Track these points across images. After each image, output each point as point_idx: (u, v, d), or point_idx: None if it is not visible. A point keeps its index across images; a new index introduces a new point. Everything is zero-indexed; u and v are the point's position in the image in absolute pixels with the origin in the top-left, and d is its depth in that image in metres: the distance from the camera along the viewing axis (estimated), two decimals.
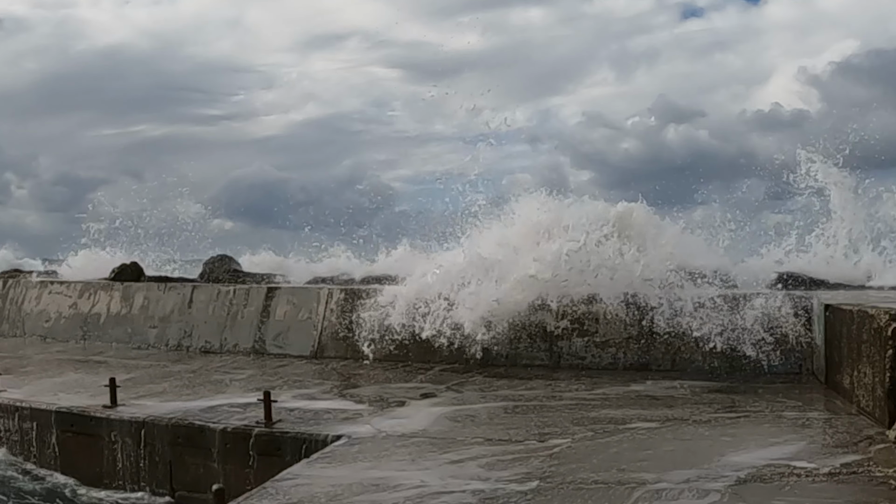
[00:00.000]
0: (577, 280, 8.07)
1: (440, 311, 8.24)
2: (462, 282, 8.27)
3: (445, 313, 8.20)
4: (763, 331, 7.32)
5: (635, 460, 4.76)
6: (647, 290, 7.88)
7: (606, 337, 7.98)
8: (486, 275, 8.24)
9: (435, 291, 8.36)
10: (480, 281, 8.18)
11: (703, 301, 7.56)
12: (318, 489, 4.46)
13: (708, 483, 4.24)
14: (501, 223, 9.41)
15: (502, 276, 8.20)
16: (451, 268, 8.50)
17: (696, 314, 7.51)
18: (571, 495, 4.18)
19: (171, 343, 10.29)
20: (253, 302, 9.91)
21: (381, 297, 8.77)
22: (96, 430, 6.77)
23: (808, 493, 4.05)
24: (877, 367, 5.24)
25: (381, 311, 8.65)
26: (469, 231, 9.51)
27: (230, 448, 6.09)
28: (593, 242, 8.22)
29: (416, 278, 8.72)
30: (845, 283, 9.09)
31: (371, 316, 8.67)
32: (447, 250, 9.37)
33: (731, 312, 7.44)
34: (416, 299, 8.46)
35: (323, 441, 5.62)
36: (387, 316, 8.58)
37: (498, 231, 9.22)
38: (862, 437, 5.03)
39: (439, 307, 8.26)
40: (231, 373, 8.53)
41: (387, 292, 8.80)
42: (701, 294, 7.61)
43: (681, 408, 6.18)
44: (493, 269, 8.29)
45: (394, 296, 8.68)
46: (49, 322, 11.72)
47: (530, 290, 8.09)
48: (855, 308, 5.87)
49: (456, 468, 4.75)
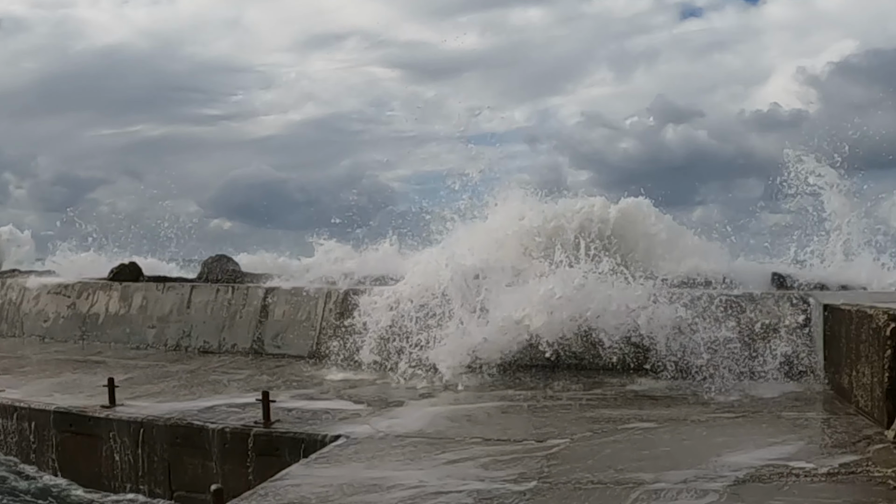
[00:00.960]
0: (573, 325, 7.46)
1: (414, 352, 7.72)
2: (441, 312, 7.74)
3: (420, 353, 7.68)
4: (761, 330, 7.31)
5: (633, 460, 4.76)
6: (655, 332, 7.22)
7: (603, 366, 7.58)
8: (468, 298, 7.64)
9: (410, 324, 7.88)
10: (462, 322, 7.59)
11: (716, 341, 7.07)
12: (317, 489, 4.45)
13: (706, 483, 4.24)
14: (485, 226, 9.21)
15: (487, 299, 7.60)
16: (431, 285, 7.92)
17: (709, 354, 7.05)
18: (569, 495, 4.18)
19: (170, 343, 10.29)
20: (251, 302, 9.90)
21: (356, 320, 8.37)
22: (95, 431, 6.77)
23: (807, 494, 4.05)
24: (875, 366, 5.24)
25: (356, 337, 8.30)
26: (452, 231, 9.26)
27: (228, 448, 6.08)
28: (593, 278, 7.51)
29: (387, 305, 8.21)
30: (843, 285, 9.07)
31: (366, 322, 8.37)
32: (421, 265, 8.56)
33: (737, 325, 7.27)
34: (391, 331, 8.03)
35: (321, 441, 5.62)
36: (359, 348, 8.24)
37: (483, 237, 8.95)
38: (860, 437, 5.03)
39: (414, 344, 7.77)
40: (229, 373, 8.52)
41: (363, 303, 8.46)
42: (715, 336, 7.07)
43: (678, 408, 6.19)
44: (479, 291, 7.69)
45: (364, 323, 8.27)
46: (47, 322, 11.71)
47: (519, 332, 7.51)
48: (854, 308, 5.87)
49: (454, 468, 4.74)
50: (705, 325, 7.19)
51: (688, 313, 7.23)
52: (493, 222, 9.69)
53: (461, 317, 7.71)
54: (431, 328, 7.82)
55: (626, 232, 10.16)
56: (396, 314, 8.18)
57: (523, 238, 9.43)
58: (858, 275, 9.37)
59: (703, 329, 7.17)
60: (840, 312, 6.26)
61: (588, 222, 9.79)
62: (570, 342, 7.60)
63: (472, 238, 9.32)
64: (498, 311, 7.60)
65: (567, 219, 9.60)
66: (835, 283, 9.11)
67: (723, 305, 7.42)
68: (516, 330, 7.50)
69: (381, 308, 8.38)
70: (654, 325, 7.20)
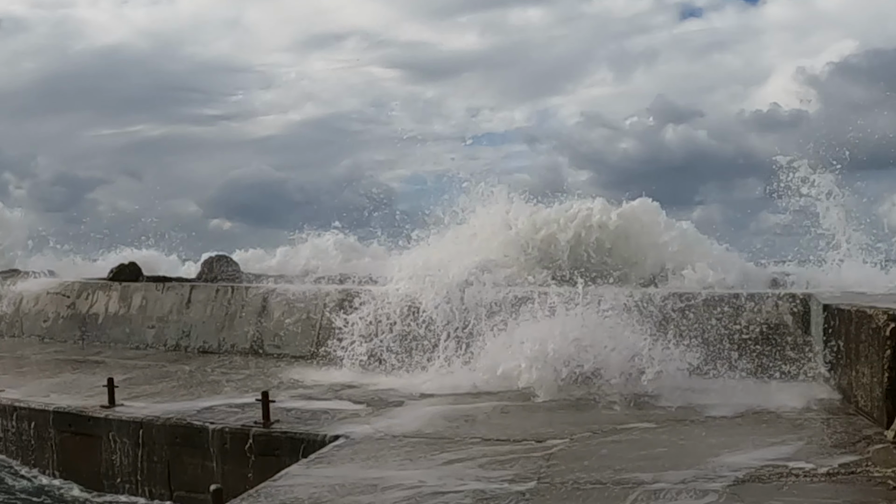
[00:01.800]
0: (570, 376, 6.77)
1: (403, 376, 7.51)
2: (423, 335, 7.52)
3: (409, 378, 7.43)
4: (761, 330, 7.31)
5: (633, 460, 4.76)
6: (660, 385, 6.59)
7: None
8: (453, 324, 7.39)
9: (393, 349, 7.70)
10: (448, 363, 7.35)
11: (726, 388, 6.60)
12: (316, 489, 4.45)
13: (706, 483, 4.24)
14: (467, 234, 8.64)
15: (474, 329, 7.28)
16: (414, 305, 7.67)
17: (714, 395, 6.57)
18: (568, 496, 4.18)
19: (170, 343, 10.28)
20: (251, 302, 9.90)
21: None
22: (94, 431, 6.77)
23: (806, 494, 4.05)
24: (875, 366, 5.24)
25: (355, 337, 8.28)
26: (438, 237, 8.80)
27: (228, 448, 6.09)
28: (593, 321, 6.85)
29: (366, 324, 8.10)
30: (842, 287, 9.05)
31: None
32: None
33: (734, 317, 7.23)
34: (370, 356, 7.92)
35: (321, 441, 5.62)
36: (358, 348, 8.17)
37: (465, 247, 8.43)
38: (860, 437, 5.02)
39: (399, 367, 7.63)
40: (229, 373, 8.52)
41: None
42: (726, 388, 6.60)
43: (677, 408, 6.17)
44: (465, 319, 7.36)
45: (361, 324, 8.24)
46: (47, 322, 11.71)
47: (509, 384, 7.00)
48: (853, 308, 5.87)
49: (453, 468, 4.74)
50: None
51: (696, 357, 6.70)
52: (479, 230, 8.96)
53: (446, 355, 7.52)
54: (413, 353, 7.77)
55: (630, 240, 9.18)
56: (376, 339, 8.10)
57: (509, 249, 8.72)
58: (858, 275, 9.35)
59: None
60: (840, 313, 6.26)
61: (585, 230, 8.94)
62: (568, 388, 6.81)
63: (456, 247, 8.67)
64: (485, 357, 7.15)
65: (560, 226, 8.86)
66: (834, 284, 9.10)
67: (722, 305, 7.43)
68: (506, 382, 6.96)
69: (363, 322, 8.35)
70: (662, 380, 6.53)
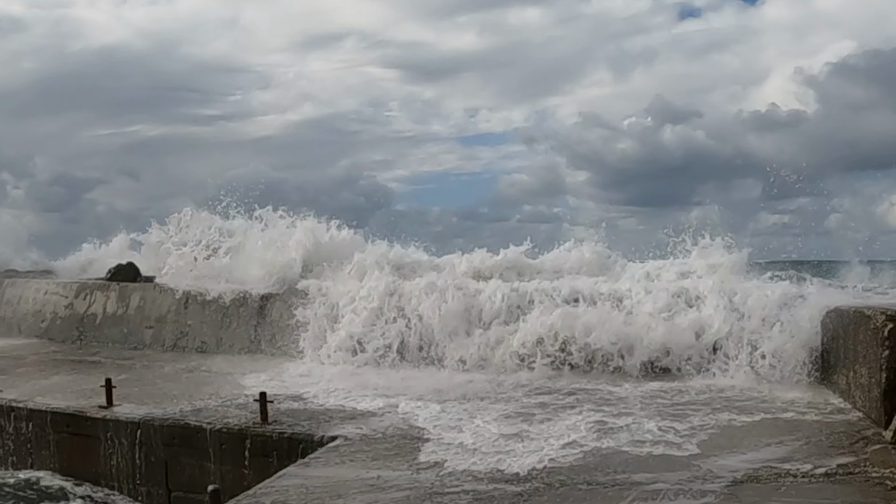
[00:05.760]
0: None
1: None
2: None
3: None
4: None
5: (631, 460, 4.75)
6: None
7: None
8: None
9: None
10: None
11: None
12: (314, 489, 4.45)
13: (704, 484, 4.23)
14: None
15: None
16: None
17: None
18: (567, 496, 4.17)
19: (167, 343, 10.26)
20: (249, 303, 9.89)
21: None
22: (92, 431, 6.75)
23: (804, 494, 4.05)
24: (873, 367, 5.24)
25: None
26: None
27: (226, 448, 6.07)
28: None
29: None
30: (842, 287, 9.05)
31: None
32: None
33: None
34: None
35: (319, 441, 5.61)
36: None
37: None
38: (858, 437, 5.03)
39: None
40: (227, 373, 8.50)
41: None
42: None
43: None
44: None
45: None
46: (45, 322, 11.68)
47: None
48: (852, 309, 5.87)
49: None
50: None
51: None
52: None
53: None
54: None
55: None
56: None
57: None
58: (856, 276, 9.37)
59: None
60: (839, 313, 6.27)
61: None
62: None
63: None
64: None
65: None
66: (833, 285, 9.11)
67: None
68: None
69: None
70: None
